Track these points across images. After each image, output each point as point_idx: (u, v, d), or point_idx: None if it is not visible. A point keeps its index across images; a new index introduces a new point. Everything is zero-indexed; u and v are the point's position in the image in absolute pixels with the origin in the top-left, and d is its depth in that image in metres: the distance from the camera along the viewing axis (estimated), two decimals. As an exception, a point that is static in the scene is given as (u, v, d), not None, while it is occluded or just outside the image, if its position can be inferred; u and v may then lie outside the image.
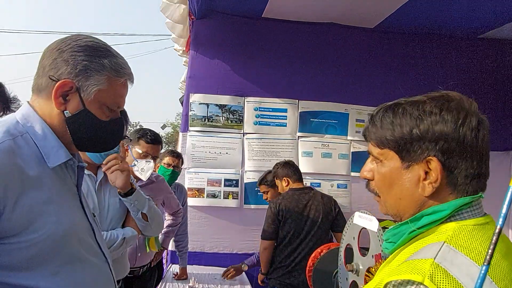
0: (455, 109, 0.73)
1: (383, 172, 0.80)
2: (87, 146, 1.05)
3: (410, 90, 3.45)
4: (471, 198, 0.72)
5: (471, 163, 0.72)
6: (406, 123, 0.75)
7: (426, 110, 0.74)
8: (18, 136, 0.89)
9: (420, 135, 0.73)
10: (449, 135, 0.71)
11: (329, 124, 3.73)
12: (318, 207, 2.70)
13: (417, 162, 0.74)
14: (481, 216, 0.73)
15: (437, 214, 0.72)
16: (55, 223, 0.89)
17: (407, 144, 0.75)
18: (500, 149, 3.96)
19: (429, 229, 0.73)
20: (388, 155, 0.78)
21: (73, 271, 0.93)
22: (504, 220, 0.50)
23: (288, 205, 2.74)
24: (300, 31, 3.68)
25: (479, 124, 0.73)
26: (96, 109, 0.99)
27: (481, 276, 0.49)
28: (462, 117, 0.72)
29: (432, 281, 0.60)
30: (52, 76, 0.94)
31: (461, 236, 0.68)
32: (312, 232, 2.68)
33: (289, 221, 2.72)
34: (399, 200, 0.78)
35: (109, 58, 1.00)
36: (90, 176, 1.64)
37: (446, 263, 0.63)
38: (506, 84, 4.04)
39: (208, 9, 3.44)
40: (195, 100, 3.53)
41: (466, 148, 0.71)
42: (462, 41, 3.91)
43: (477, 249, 0.65)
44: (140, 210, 1.66)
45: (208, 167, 3.51)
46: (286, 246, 2.74)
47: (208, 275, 3.14)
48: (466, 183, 0.73)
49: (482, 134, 0.73)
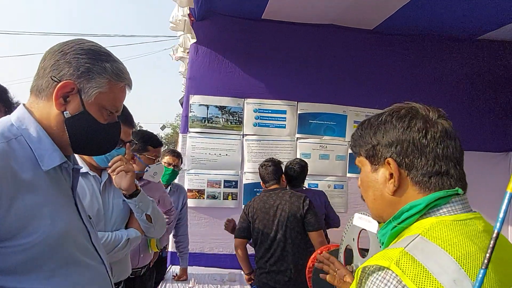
0: (404, 115, 0.84)
1: (361, 177, 0.93)
2: (84, 148, 1.05)
3: (410, 91, 3.48)
4: (445, 192, 0.78)
5: (426, 161, 0.80)
6: (369, 133, 0.89)
7: (382, 120, 0.87)
8: (12, 139, 0.89)
9: (378, 141, 0.86)
10: (399, 138, 0.82)
11: (327, 125, 3.76)
12: (285, 206, 2.66)
13: (381, 165, 0.85)
14: (464, 213, 0.78)
15: (414, 208, 0.79)
16: (50, 226, 0.88)
17: (371, 150, 0.87)
18: (499, 150, 3.98)
19: (410, 224, 0.80)
20: (363, 162, 0.91)
21: (68, 273, 0.93)
22: (501, 225, 0.51)
23: (256, 206, 2.74)
24: (300, 33, 3.70)
25: (427, 126, 0.81)
26: (95, 111, 1.00)
27: (479, 280, 0.50)
28: (408, 121, 0.83)
29: (397, 266, 0.67)
30: (54, 77, 0.95)
31: (437, 229, 0.73)
32: (281, 232, 2.63)
33: (257, 221, 2.71)
34: (374, 200, 0.89)
35: (111, 62, 1.02)
36: (95, 178, 1.64)
37: (415, 251, 0.69)
38: (504, 86, 4.05)
39: (208, 10, 3.45)
40: (195, 102, 3.54)
41: (418, 148, 0.81)
42: (461, 42, 3.93)
43: (451, 240, 0.71)
44: (144, 211, 1.66)
45: (208, 168, 3.52)
46: (260, 247, 2.72)
47: (208, 276, 3.15)
48: (425, 180, 0.80)
49: (432, 135, 0.80)
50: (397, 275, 0.66)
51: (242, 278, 3.18)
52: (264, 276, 2.67)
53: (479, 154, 3.90)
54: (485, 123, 3.99)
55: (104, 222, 1.60)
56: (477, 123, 3.96)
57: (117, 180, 1.59)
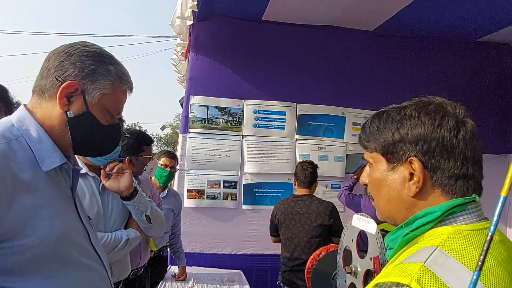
0: (433, 111, 0.76)
1: (373, 175, 0.84)
2: (85, 149, 1.06)
3: (409, 93, 3.47)
4: (463, 199, 0.73)
5: (454, 163, 0.74)
6: (390, 127, 0.80)
7: (406, 114, 0.78)
8: (12, 140, 0.89)
9: (402, 137, 0.77)
10: (428, 136, 0.75)
11: (326, 127, 3.77)
12: (311, 216, 2.74)
13: (401, 163, 0.77)
14: (480, 221, 0.73)
15: (429, 216, 0.73)
16: (49, 227, 0.88)
17: (390, 146, 0.79)
18: (498, 152, 3.98)
19: (424, 232, 0.74)
20: (377, 159, 0.82)
21: (67, 274, 0.93)
22: (495, 228, 0.52)
23: (283, 210, 2.83)
24: (300, 34, 3.71)
25: (459, 125, 0.75)
26: (98, 112, 1.01)
27: (472, 281, 0.51)
28: (439, 119, 0.75)
29: (419, 283, 0.61)
30: (58, 77, 0.96)
31: (455, 240, 0.68)
32: (305, 239, 2.73)
33: (284, 225, 2.81)
34: (388, 201, 0.81)
35: (114, 65, 1.03)
36: (94, 178, 1.65)
37: (435, 267, 0.64)
38: (503, 87, 4.07)
39: (208, 11, 3.46)
40: (195, 102, 3.55)
41: (447, 149, 0.74)
42: (460, 44, 3.94)
43: (471, 254, 0.66)
44: (144, 212, 1.67)
45: (208, 168, 3.53)
46: (285, 248, 2.82)
47: (207, 276, 3.16)
48: (450, 183, 0.74)
49: (463, 135, 0.75)
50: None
51: (241, 278, 3.19)
52: (287, 273, 2.79)
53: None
54: (484, 125, 3.99)
55: (103, 223, 1.61)
56: (476, 125, 3.96)
57: (111, 184, 1.59)
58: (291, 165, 3.64)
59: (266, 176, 3.63)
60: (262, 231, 3.56)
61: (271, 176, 3.64)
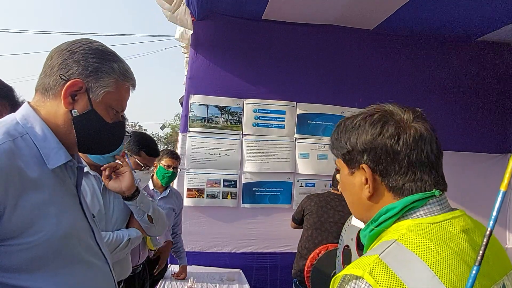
0: (377, 120, 0.82)
1: (341, 179, 0.92)
2: (90, 147, 1.06)
3: (409, 92, 3.49)
4: (422, 195, 0.78)
5: (399, 168, 0.79)
6: (343, 136, 0.87)
7: (355, 124, 0.85)
8: (18, 137, 0.89)
9: (353, 146, 0.84)
10: (372, 143, 0.81)
11: (326, 126, 3.77)
12: (346, 216, 2.77)
13: (357, 169, 0.84)
14: (442, 213, 0.78)
15: (390, 211, 0.79)
16: (55, 225, 0.89)
17: (346, 154, 0.86)
18: (498, 151, 3.99)
19: (388, 227, 0.80)
20: (341, 165, 0.90)
21: (73, 272, 0.94)
22: (494, 223, 0.52)
23: (317, 201, 2.88)
24: (299, 33, 3.70)
25: (399, 132, 0.79)
26: (102, 110, 1.01)
27: (472, 276, 0.51)
28: (380, 127, 0.81)
29: (371, 275, 0.67)
30: (62, 75, 0.95)
31: (414, 233, 0.73)
32: (334, 235, 2.73)
33: (314, 214, 2.84)
34: (352, 203, 0.90)
35: (118, 63, 1.03)
36: (96, 177, 1.64)
37: (389, 259, 0.69)
38: (503, 87, 4.07)
39: (208, 10, 3.46)
40: (195, 101, 3.55)
41: (390, 155, 0.79)
42: (460, 43, 3.94)
43: (426, 245, 0.70)
44: (145, 212, 1.66)
45: (208, 167, 3.54)
46: (308, 236, 2.84)
47: (207, 275, 3.16)
48: (399, 187, 0.80)
49: (404, 141, 0.79)
50: (370, 284, 0.66)
51: (240, 277, 3.19)
52: (302, 261, 2.79)
53: (478, 155, 3.92)
54: (484, 124, 4.00)
55: (105, 222, 1.60)
56: (476, 124, 3.97)
57: (113, 184, 1.59)
58: (291, 164, 3.65)
59: (265, 175, 3.63)
60: (261, 230, 3.57)
61: (271, 175, 3.64)
